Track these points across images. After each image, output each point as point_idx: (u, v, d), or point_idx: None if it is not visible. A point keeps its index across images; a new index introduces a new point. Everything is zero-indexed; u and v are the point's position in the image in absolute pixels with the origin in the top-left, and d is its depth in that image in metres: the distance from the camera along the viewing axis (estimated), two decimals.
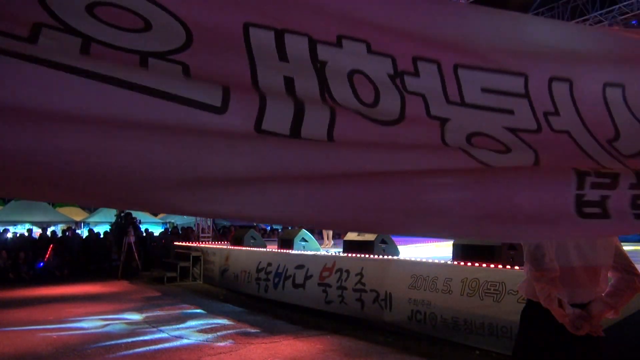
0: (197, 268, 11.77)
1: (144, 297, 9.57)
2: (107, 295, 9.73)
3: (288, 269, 8.30)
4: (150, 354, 5.35)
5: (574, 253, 2.08)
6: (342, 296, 7.02)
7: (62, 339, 5.99)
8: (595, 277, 2.11)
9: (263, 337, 6.08)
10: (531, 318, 2.16)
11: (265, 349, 5.52)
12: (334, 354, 5.35)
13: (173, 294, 9.83)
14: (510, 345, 4.77)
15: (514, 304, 4.84)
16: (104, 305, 8.54)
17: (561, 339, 2.05)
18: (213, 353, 5.36)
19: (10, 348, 5.59)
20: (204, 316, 7.55)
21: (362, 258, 7.05)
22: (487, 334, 5.10)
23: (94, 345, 5.71)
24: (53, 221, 19.94)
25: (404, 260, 6.62)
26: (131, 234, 12.86)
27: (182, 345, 5.73)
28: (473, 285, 5.39)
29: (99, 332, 6.42)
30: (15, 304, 8.70)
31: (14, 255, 12.74)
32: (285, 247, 9.36)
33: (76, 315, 7.54)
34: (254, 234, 11.05)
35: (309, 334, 6.27)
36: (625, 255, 2.19)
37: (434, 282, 5.83)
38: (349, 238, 8.07)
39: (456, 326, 5.44)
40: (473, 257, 5.84)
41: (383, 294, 6.39)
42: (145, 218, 22.58)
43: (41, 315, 7.55)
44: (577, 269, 2.08)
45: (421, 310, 5.86)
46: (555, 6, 15.96)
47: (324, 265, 7.55)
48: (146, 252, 14.72)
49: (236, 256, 10.24)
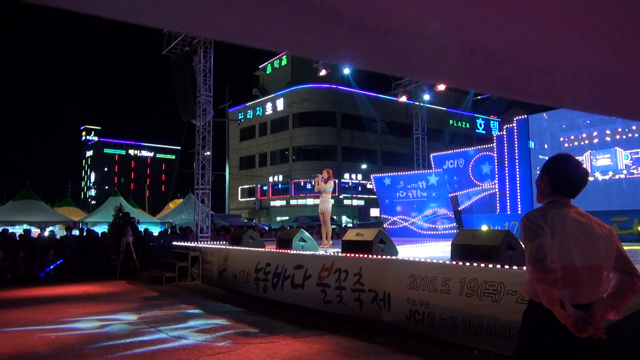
0: (196, 268, 11.76)
1: (142, 297, 9.56)
2: (106, 296, 9.71)
3: (287, 269, 8.30)
4: (149, 354, 5.34)
5: (576, 253, 2.09)
6: (340, 296, 7.03)
7: (61, 339, 5.99)
8: (597, 277, 2.12)
9: (262, 337, 6.08)
10: (533, 319, 2.16)
11: (263, 349, 5.51)
12: (333, 353, 5.35)
13: (171, 294, 9.82)
14: (508, 345, 4.78)
15: (513, 304, 4.85)
16: (102, 305, 8.53)
17: (563, 341, 2.06)
18: (211, 353, 5.36)
19: (9, 348, 5.58)
20: (202, 316, 7.55)
21: (360, 258, 7.06)
22: (485, 333, 5.10)
23: (92, 345, 5.70)
24: (51, 221, 19.91)
25: (403, 260, 6.62)
26: (129, 234, 12.85)
27: (181, 345, 5.73)
28: (472, 285, 5.40)
29: (97, 333, 6.41)
30: (13, 304, 8.69)
31: (12, 256, 12.70)
32: (284, 247, 9.36)
33: (74, 316, 7.53)
34: (253, 234, 11.04)
35: (308, 334, 6.28)
36: (626, 256, 2.20)
37: (433, 282, 5.84)
38: (347, 238, 8.07)
39: (455, 326, 5.44)
40: (472, 257, 5.85)
41: (381, 293, 6.40)
42: (143, 218, 22.59)
43: (39, 316, 7.54)
44: (580, 269, 2.08)
45: (420, 310, 5.86)
46: None
47: (323, 265, 7.55)
48: (144, 252, 14.71)
49: (235, 256, 10.24)
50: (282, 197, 49.70)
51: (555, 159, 2.29)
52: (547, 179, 2.27)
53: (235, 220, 27.16)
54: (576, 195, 2.26)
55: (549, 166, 2.29)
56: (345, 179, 47.65)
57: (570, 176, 2.24)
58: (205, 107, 15.23)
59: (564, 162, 2.26)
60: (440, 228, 15.00)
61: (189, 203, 23.03)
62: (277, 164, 50.50)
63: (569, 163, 2.25)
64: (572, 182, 2.24)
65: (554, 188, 2.25)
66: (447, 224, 14.88)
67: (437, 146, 29.31)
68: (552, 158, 2.31)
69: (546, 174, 2.28)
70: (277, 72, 53.50)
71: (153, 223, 23.04)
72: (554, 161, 2.29)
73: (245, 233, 10.94)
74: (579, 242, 2.11)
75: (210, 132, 15.44)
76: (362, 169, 46.91)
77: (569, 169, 2.24)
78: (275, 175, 50.47)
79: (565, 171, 2.24)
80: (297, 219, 31.90)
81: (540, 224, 2.12)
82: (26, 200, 20.12)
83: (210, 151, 15.35)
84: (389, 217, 16.26)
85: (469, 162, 15.82)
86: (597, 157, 13.87)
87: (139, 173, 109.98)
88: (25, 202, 20.04)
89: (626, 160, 13.31)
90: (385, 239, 7.62)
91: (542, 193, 2.31)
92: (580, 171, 2.25)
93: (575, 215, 2.18)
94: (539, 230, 2.10)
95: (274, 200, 50.60)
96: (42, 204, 21.21)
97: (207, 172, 15.33)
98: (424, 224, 15.34)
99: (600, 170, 13.65)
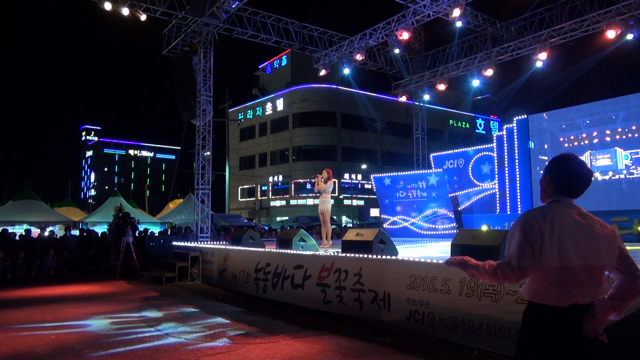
0: (196, 268, 11.76)
1: (142, 297, 9.55)
2: (106, 296, 9.71)
3: (287, 269, 8.30)
4: (149, 354, 5.34)
5: (574, 253, 2.08)
6: (340, 296, 7.02)
7: (61, 339, 5.98)
8: (597, 277, 2.11)
9: (261, 337, 6.08)
10: (533, 320, 2.15)
11: (263, 349, 5.51)
12: (333, 354, 5.34)
13: (171, 294, 9.82)
14: (508, 345, 4.78)
15: (513, 304, 4.85)
16: (102, 305, 8.52)
17: (563, 342, 2.05)
18: (211, 353, 5.36)
19: (9, 348, 5.58)
20: (202, 316, 7.54)
21: (360, 258, 7.05)
22: (485, 333, 5.10)
23: (92, 345, 5.69)
24: (51, 221, 19.90)
25: (403, 260, 6.62)
26: (129, 234, 12.85)
27: (181, 345, 5.72)
28: (471, 285, 5.40)
29: (97, 333, 6.41)
30: (13, 304, 8.68)
31: (12, 256, 12.70)
32: (284, 247, 9.36)
33: (74, 316, 7.53)
34: (253, 234, 11.04)
35: (308, 334, 6.27)
36: (628, 257, 2.18)
37: (433, 282, 5.84)
38: (347, 238, 8.06)
39: (454, 326, 5.44)
40: (471, 257, 5.82)
41: (381, 294, 6.40)
42: (143, 218, 22.58)
43: (40, 316, 7.54)
44: (577, 269, 2.07)
45: (419, 310, 5.86)
46: (553, 6, 15.98)
47: (323, 265, 7.55)
48: (144, 252, 14.71)
49: (235, 256, 10.23)
50: (282, 197, 49.70)
51: (558, 158, 2.28)
52: (550, 179, 2.26)
53: (235, 220, 27.16)
54: (579, 195, 2.24)
55: (551, 165, 2.28)
56: (345, 179, 47.64)
57: (572, 176, 2.22)
58: (205, 107, 15.24)
59: (567, 162, 2.24)
60: (440, 228, 15.00)
61: (189, 203, 23.03)
62: (277, 164, 50.50)
63: (571, 163, 2.24)
64: (575, 182, 2.22)
65: (557, 188, 2.23)
66: (447, 224, 14.87)
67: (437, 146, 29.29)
68: (555, 157, 2.29)
69: (549, 174, 2.27)
70: (277, 72, 53.48)
71: (153, 223, 23.04)
72: (556, 160, 2.27)
73: (245, 233, 10.93)
74: (578, 242, 2.10)
75: (210, 132, 15.45)
76: (362, 169, 46.91)
77: (571, 168, 2.23)
78: (275, 175, 50.47)
79: (568, 171, 2.22)
80: (297, 219, 31.91)
81: (535, 228, 2.11)
82: (26, 201, 20.13)
83: (210, 151, 15.35)
84: (388, 217, 16.26)
85: (469, 162, 15.82)
86: (597, 157, 13.86)
87: (139, 173, 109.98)
88: (25, 202, 20.04)
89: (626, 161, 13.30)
90: (385, 239, 7.62)
91: (545, 192, 2.29)
92: (583, 171, 2.23)
93: (576, 216, 2.17)
94: (531, 234, 2.11)
95: (273, 200, 50.60)
96: (42, 204, 21.21)
97: (207, 172, 15.33)
98: (424, 224, 15.34)
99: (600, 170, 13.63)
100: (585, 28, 15.39)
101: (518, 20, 17.20)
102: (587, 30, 15.48)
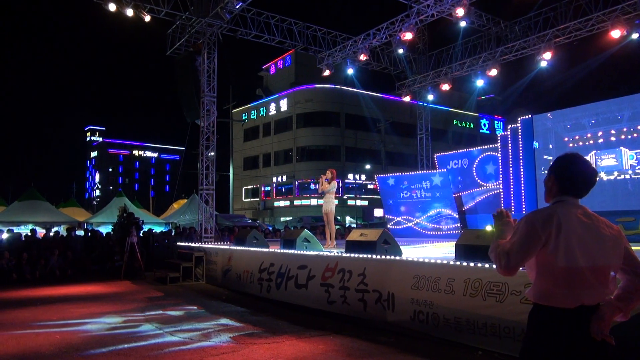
0: (200, 268, 11.79)
1: (146, 297, 9.58)
2: (110, 296, 9.74)
3: (290, 269, 8.30)
4: (153, 354, 5.35)
5: (580, 254, 2.06)
6: (344, 296, 7.02)
7: (65, 340, 6.01)
8: (603, 278, 2.09)
9: (266, 338, 6.08)
10: (539, 322, 2.14)
11: (267, 349, 5.52)
12: (337, 354, 5.34)
13: (176, 294, 9.84)
14: (513, 345, 4.76)
15: (517, 305, 4.84)
16: (106, 305, 8.55)
17: (569, 343, 2.04)
18: (215, 353, 5.37)
19: (14, 348, 5.61)
20: (206, 316, 7.56)
21: (364, 258, 7.05)
22: (489, 334, 5.09)
23: (96, 345, 5.72)
24: (56, 221, 19.98)
25: (407, 260, 6.61)
26: (134, 234, 12.88)
27: (185, 345, 5.74)
28: (476, 286, 5.38)
29: (102, 333, 6.43)
30: (18, 304, 8.73)
31: (17, 256, 12.76)
32: (288, 247, 9.36)
33: (79, 316, 7.56)
34: (257, 234, 11.05)
35: (312, 334, 6.27)
36: (634, 257, 2.16)
37: (437, 282, 5.82)
38: (351, 238, 8.06)
39: (459, 326, 5.43)
40: (476, 257, 5.83)
41: (385, 294, 6.39)
42: (147, 218, 22.63)
43: (44, 316, 7.57)
44: (584, 269, 2.05)
45: (424, 311, 5.85)
46: (558, 6, 15.92)
47: (327, 266, 7.55)
48: (149, 252, 14.75)
49: (239, 256, 10.25)
50: (285, 198, 49.72)
51: (563, 158, 2.25)
52: (554, 179, 2.24)
53: (239, 220, 27.20)
54: (584, 195, 2.22)
55: (556, 165, 2.26)
56: (349, 179, 47.61)
57: (577, 176, 2.20)
58: (209, 107, 15.26)
59: (571, 161, 2.22)
60: (444, 228, 14.97)
61: (193, 203, 23.07)
62: (281, 165, 50.52)
63: (576, 162, 2.22)
64: (579, 182, 2.20)
65: (561, 187, 2.22)
66: (451, 224, 14.85)
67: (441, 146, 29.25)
68: (560, 157, 2.27)
69: (553, 173, 2.25)
70: (281, 72, 53.52)
71: (157, 223, 23.10)
72: (561, 160, 2.25)
73: (249, 233, 10.94)
74: (584, 242, 2.08)
75: (214, 132, 15.46)
76: (366, 169, 46.86)
77: (576, 168, 2.21)
78: (279, 175, 50.50)
79: (572, 170, 2.20)
80: (301, 219, 31.93)
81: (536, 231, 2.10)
82: (31, 201, 20.21)
83: (214, 151, 15.37)
84: (393, 217, 16.24)
85: (473, 162, 15.77)
86: (602, 157, 13.80)
87: (143, 174, 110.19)
88: (30, 203, 20.13)
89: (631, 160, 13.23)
90: (389, 239, 7.61)
91: (549, 192, 2.27)
92: (587, 170, 2.21)
93: (582, 216, 2.15)
94: (530, 236, 2.11)
95: (277, 200, 50.62)
96: (47, 205, 21.30)
97: (211, 173, 15.35)
98: (428, 224, 15.31)
99: (606, 170, 13.57)
100: (590, 27, 15.32)
101: (522, 19, 17.14)
102: (592, 30, 15.41)
